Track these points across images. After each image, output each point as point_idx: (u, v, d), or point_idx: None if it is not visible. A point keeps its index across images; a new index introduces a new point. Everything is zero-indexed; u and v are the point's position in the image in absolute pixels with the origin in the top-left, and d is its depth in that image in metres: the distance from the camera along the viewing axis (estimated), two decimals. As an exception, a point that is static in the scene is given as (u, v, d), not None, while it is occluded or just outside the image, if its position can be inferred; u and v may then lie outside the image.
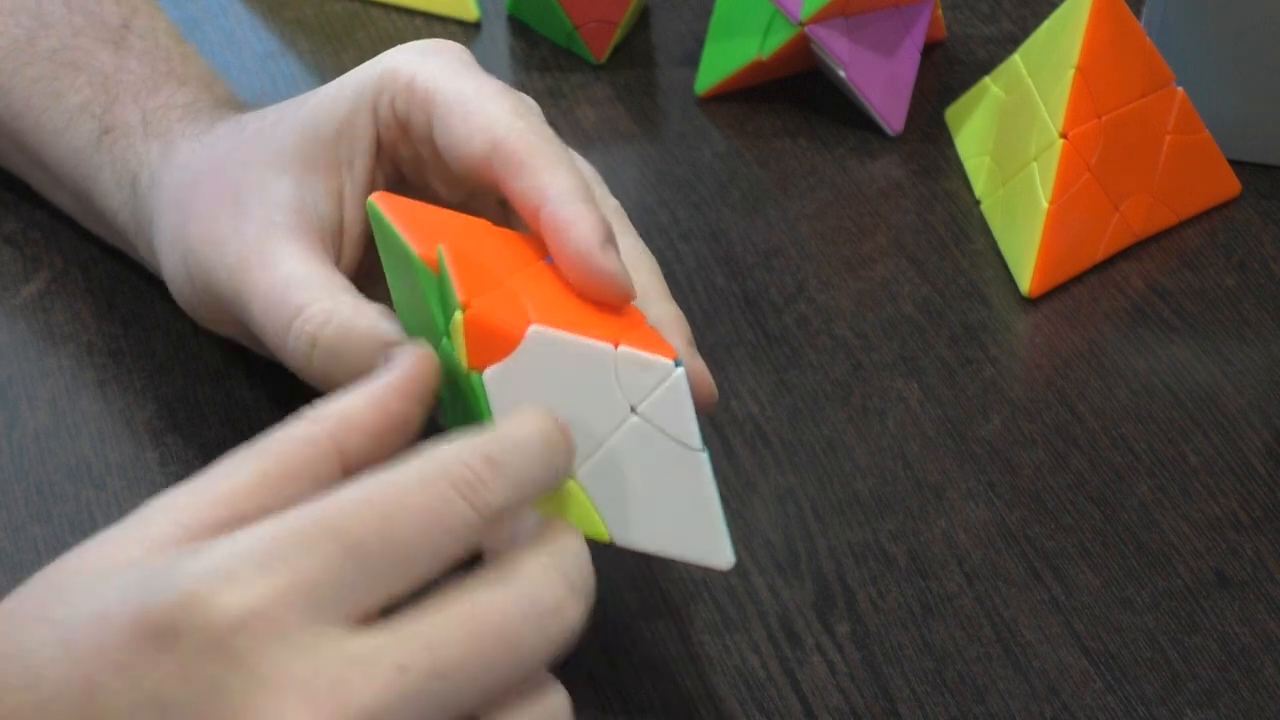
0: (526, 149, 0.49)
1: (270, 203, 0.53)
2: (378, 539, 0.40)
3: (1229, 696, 0.53)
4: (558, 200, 0.48)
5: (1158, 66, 0.66)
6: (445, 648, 0.40)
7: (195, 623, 0.39)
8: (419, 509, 0.40)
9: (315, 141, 0.53)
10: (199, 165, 0.55)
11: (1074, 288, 0.66)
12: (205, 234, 0.54)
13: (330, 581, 0.39)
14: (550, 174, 0.49)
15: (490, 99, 0.51)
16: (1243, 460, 0.60)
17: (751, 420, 0.61)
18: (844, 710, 0.52)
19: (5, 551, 0.56)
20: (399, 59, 0.53)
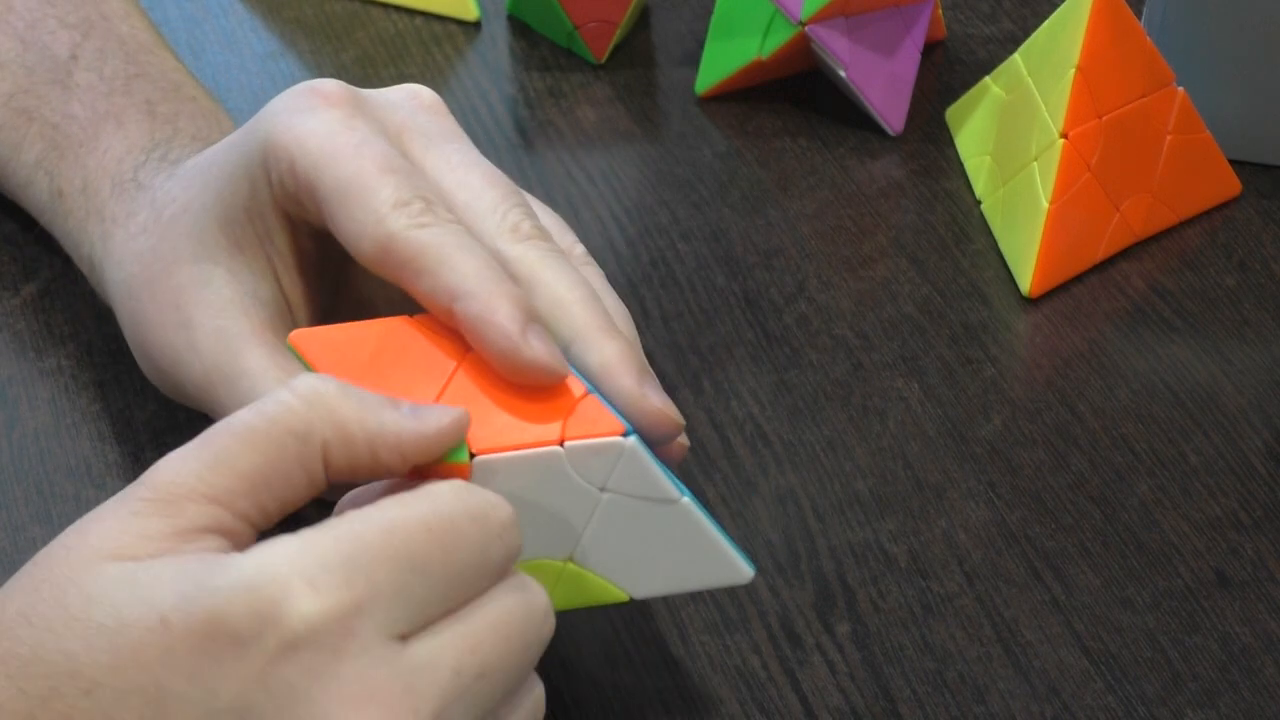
0: (414, 250, 0.47)
1: (214, 305, 0.52)
2: (441, 566, 0.42)
3: (1229, 696, 0.53)
4: (465, 296, 0.46)
5: (1158, 66, 0.66)
6: (484, 650, 0.42)
7: (274, 628, 0.39)
8: (472, 543, 0.43)
9: (231, 225, 0.52)
10: (132, 269, 0.54)
11: (1074, 288, 0.66)
12: (162, 353, 0.53)
13: (402, 597, 0.41)
14: (447, 270, 0.47)
15: (368, 188, 0.48)
16: (1243, 460, 0.60)
17: (751, 420, 0.61)
18: (844, 710, 0.52)
19: (5, 551, 0.56)
20: (277, 127, 0.50)
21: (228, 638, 0.39)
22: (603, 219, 0.68)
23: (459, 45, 0.77)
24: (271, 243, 0.52)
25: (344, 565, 0.41)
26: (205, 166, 0.54)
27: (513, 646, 0.43)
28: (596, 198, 0.69)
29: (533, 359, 0.46)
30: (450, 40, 0.77)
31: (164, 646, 0.39)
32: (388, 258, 0.47)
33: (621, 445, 0.46)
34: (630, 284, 0.65)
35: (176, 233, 0.53)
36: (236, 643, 0.39)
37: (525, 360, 0.46)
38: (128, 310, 0.55)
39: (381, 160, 0.49)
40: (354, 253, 0.49)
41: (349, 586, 0.40)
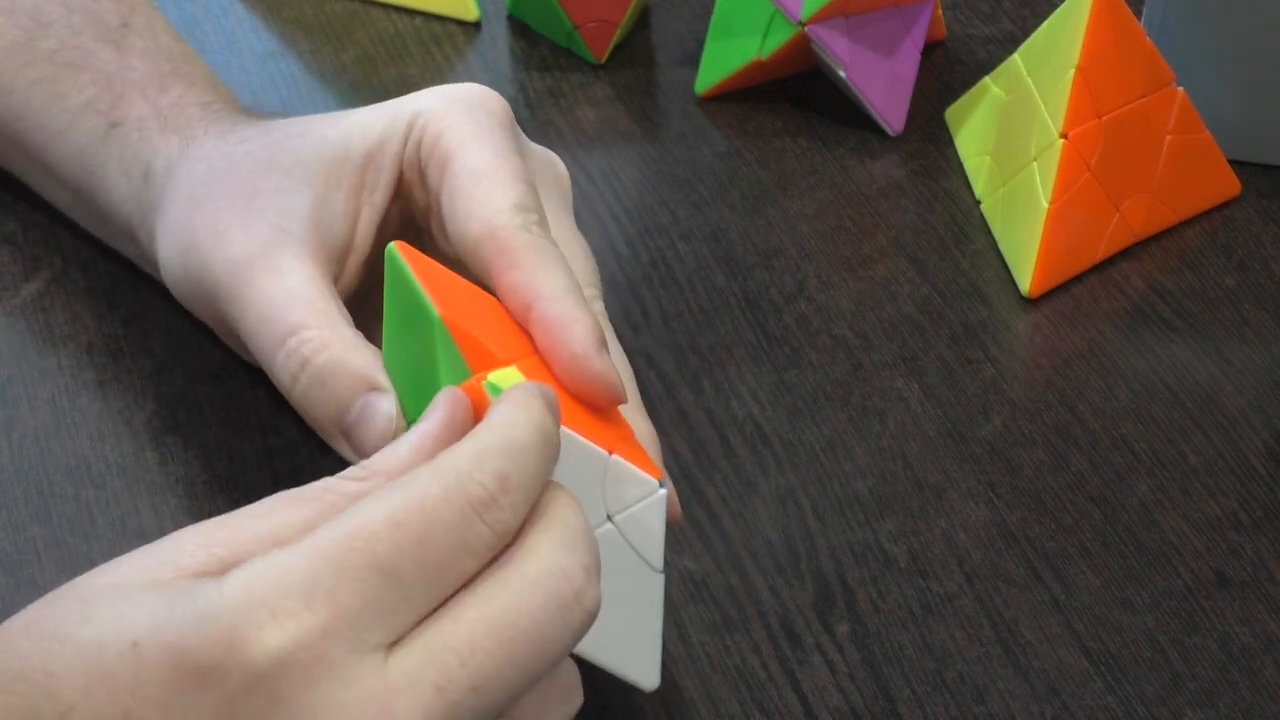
0: (520, 245, 0.48)
1: (285, 209, 0.52)
2: (413, 564, 0.40)
3: (1229, 696, 0.53)
4: (550, 299, 0.47)
5: (1158, 66, 0.66)
6: (478, 659, 0.39)
7: (238, 660, 0.38)
8: (447, 530, 0.40)
9: (343, 162, 0.53)
10: (219, 161, 0.55)
11: (1074, 288, 0.66)
12: (210, 226, 0.53)
13: (370, 610, 0.39)
14: (543, 272, 0.48)
15: (501, 183, 0.50)
16: (1243, 460, 0.60)
17: (751, 420, 0.61)
18: (844, 710, 0.52)
19: (5, 551, 0.56)
20: (439, 104, 0.52)
21: (193, 669, 0.38)
22: (603, 219, 0.68)
23: (459, 45, 0.77)
24: (371, 195, 0.53)
25: (305, 587, 0.39)
26: (334, 118, 0.55)
27: (521, 650, 0.40)
28: (596, 198, 0.69)
29: (602, 370, 0.46)
30: (450, 40, 0.77)
31: (133, 674, 0.39)
32: (489, 243, 0.48)
33: (655, 488, 0.46)
34: (630, 284, 0.65)
35: (283, 147, 0.54)
36: (201, 675, 0.38)
37: (594, 370, 0.46)
38: (189, 195, 0.54)
39: (519, 170, 0.51)
40: (455, 229, 0.50)
41: (310, 610, 0.39)
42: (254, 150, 0.55)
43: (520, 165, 0.51)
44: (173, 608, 0.39)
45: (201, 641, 0.39)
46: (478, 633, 0.40)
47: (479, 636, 0.40)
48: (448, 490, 0.40)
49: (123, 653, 0.39)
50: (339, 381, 0.49)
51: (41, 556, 0.56)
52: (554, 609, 0.40)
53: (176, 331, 0.63)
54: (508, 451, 0.41)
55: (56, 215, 0.66)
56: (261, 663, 0.38)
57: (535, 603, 0.40)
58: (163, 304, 0.63)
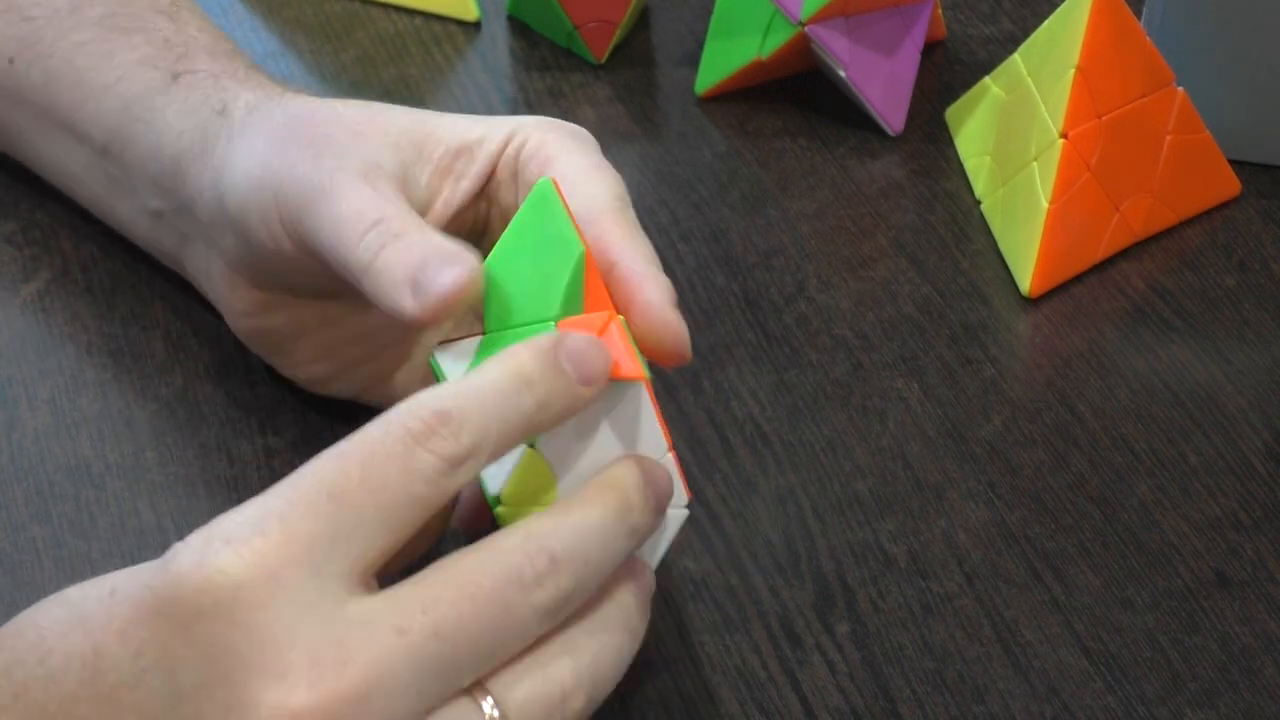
0: (614, 220, 0.50)
1: (381, 153, 0.52)
2: (360, 487, 0.41)
3: (1229, 696, 0.53)
4: (634, 259, 0.49)
5: (1158, 66, 0.66)
6: (440, 609, 0.40)
7: (195, 585, 0.40)
8: (389, 456, 0.41)
9: (438, 142, 0.53)
10: (316, 107, 0.55)
11: (1074, 288, 0.66)
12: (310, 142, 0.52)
13: (325, 535, 0.40)
14: (632, 242, 0.50)
15: (604, 179, 0.52)
16: (1243, 460, 0.60)
17: (751, 420, 0.61)
18: (844, 710, 0.52)
19: (5, 551, 0.56)
20: (539, 123, 0.54)
21: (154, 600, 0.40)
22: (603, 219, 0.68)
23: (459, 45, 0.77)
24: (458, 182, 0.53)
25: (258, 517, 0.40)
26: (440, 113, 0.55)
27: (484, 610, 0.41)
28: (596, 198, 0.69)
29: (675, 319, 0.48)
30: (450, 40, 0.77)
31: (107, 613, 0.41)
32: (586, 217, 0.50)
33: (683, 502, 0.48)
34: (630, 284, 0.65)
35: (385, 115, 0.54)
36: (163, 603, 0.40)
37: (668, 317, 0.48)
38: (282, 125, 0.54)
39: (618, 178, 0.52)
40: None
41: (263, 534, 0.40)
42: (353, 109, 0.54)
43: (617, 175, 0.53)
44: (152, 565, 0.41)
45: (165, 577, 0.40)
46: (442, 588, 0.41)
47: (443, 590, 0.41)
48: (387, 425, 0.42)
49: (101, 598, 0.41)
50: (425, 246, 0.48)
51: (41, 556, 0.56)
52: (515, 583, 0.42)
53: (176, 331, 0.63)
54: (452, 391, 0.43)
55: (56, 215, 0.66)
56: (217, 584, 0.40)
57: (499, 571, 0.42)
58: (163, 304, 0.63)
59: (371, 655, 0.40)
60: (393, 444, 0.41)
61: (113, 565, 0.55)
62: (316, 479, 0.41)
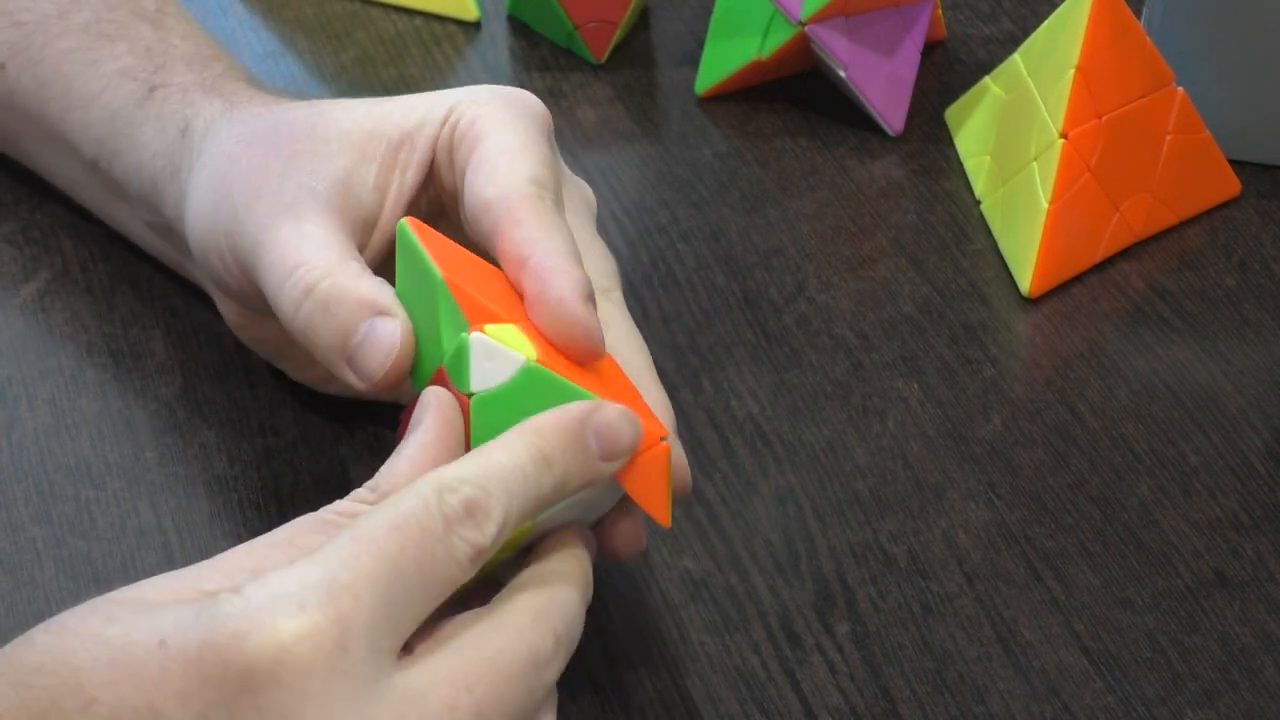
0: (527, 207, 0.49)
1: (317, 171, 0.53)
2: (416, 567, 0.42)
3: (1229, 696, 0.53)
4: (545, 253, 0.48)
5: (1158, 66, 0.66)
6: (482, 689, 0.42)
7: (262, 648, 0.39)
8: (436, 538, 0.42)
9: (379, 138, 0.53)
10: (260, 124, 0.55)
11: (1074, 288, 0.66)
12: (247, 185, 0.53)
13: (385, 608, 0.41)
14: (543, 232, 0.49)
15: (525, 159, 0.51)
16: (1243, 460, 0.60)
17: (751, 420, 0.61)
18: (844, 710, 0.52)
19: (5, 551, 0.56)
20: (480, 95, 0.53)
21: (218, 661, 0.39)
22: (603, 219, 0.68)
23: (459, 45, 0.77)
24: (403, 174, 0.53)
25: (325, 582, 0.40)
26: (378, 100, 0.55)
27: (512, 690, 0.43)
28: (597, 198, 0.69)
29: (584, 316, 0.47)
30: (450, 40, 0.77)
31: (160, 668, 0.40)
32: (501, 204, 0.49)
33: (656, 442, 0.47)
34: (630, 284, 0.65)
35: (327, 116, 0.54)
36: (226, 665, 0.39)
37: (576, 313, 0.47)
38: (227, 153, 0.55)
39: (546, 159, 0.51)
40: (471, 196, 0.50)
41: (333, 601, 0.40)
42: (296, 118, 0.55)
43: (548, 154, 0.52)
44: (199, 613, 0.40)
45: (227, 636, 0.40)
46: (482, 664, 0.42)
47: (482, 668, 0.42)
48: (427, 505, 0.43)
49: (150, 649, 0.40)
50: (343, 306, 0.49)
51: (41, 556, 0.56)
52: (533, 663, 0.43)
53: (176, 331, 0.63)
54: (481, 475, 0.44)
55: (57, 215, 0.66)
56: (284, 652, 0.40)
57: (524, 652, 0.43)
58: (163, 304, 0.63)
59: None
60: (435, 525, 0.42)
61: (113, 565, 0.55)
62: (380, 553, 0.41)
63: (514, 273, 0.49)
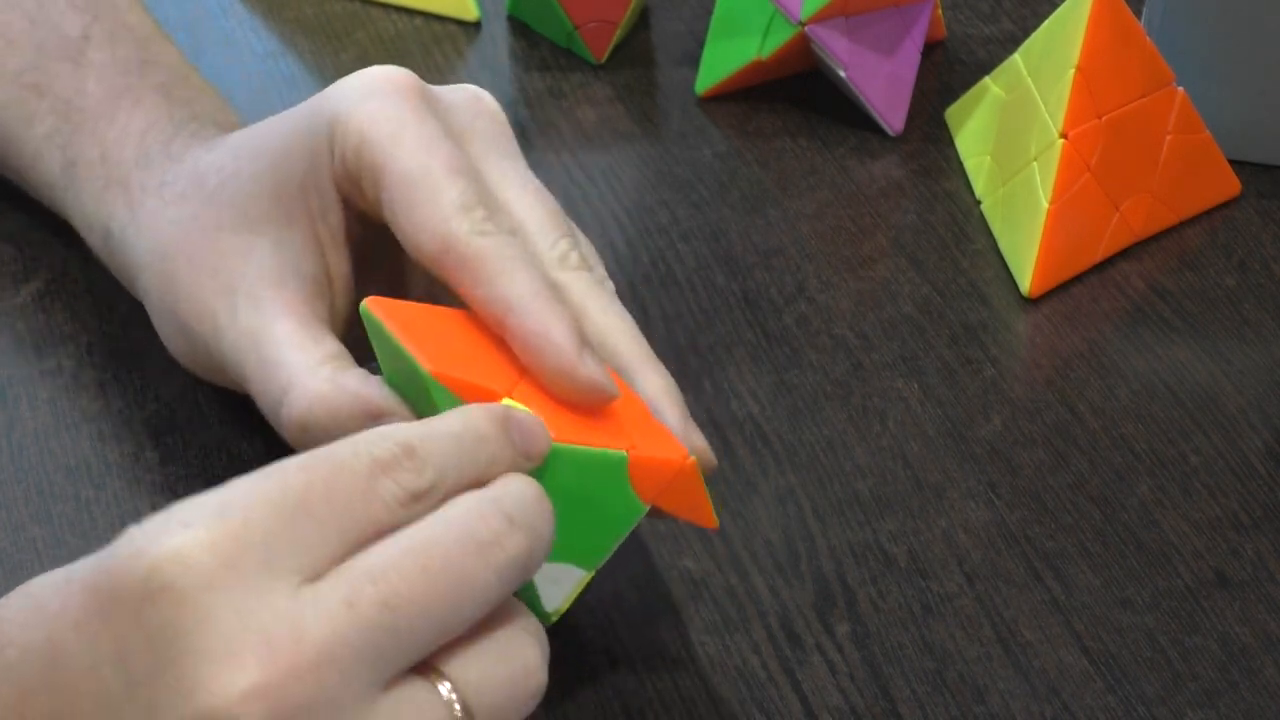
0: (478, 254, 0.48)
1: (255, 274, 0.52)
2: (322, 500, 0.41)
3: (1229, 696, 0.53)
4: (521, 312, 0.47)
5: (1158, 66, 0.66)
6: (390, 580, 0.40)
7: (146, 566, 0.39)
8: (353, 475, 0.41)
9: (283, 197, 0.52)
10: (168, 233, 0.55)
11: (1074, 288, 0.66)
12: (198, 317, 0.53)
13: (283, 535, 0.40)
14: (505, 280, 0.47)
15: (438, 186, 0.49)
16: (1243, 460, 0.60)
17: (751, 420, 0.61)
18: (844, 710, 0.52)
19: (5, 551, 0.56)
20: (344, 106, 0.50)
21: (108, 585, 0.39)
22: (603, 219, 0.68)
23: (459, 45, 0.77)
24: (323, 220, 0.52)
25: (218, 506, 0.40)
26: (259, 136, 0.54)
27: (436, 578, 0.40)
28: (596, 198, 0.69)
29: (589, 377, 0.47)
30: (450, 40, 0.77)
31: (62, 601, 0.40)
32: (446, 259, 0.48)
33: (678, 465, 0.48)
34: (630, 284, 0.65)
35: (222, 200, 0.53)
36: (115, 589, 0.39)
37: (582, 378, 0.47)
38: (159, 278, 0.54)
39: (450, 160, 0.49)
40: (411, 247, 0.49)
41: (222, 521, 0.39)
42: (197, 213, 0.54)
43: (450, 153, 0.49)
44: (109, 547, 0.40)
45: (117, 560, 0.40)
46: (391, 558, 0.40)
47: (390, 559, 0.40)
48: (355, 448, 0.42)
49: (57, 586, 0.41)
50: (341, 422, 0.49)
51: (41, 556, 0.56)
52: (470, 545, 0.41)
53: (176, 331, 0.63)
54: (419, 431, 0.43)
55: (57, 216, 0.66)
56: (168, 565, 0.39)
57: (449, 537, 0.41)
58: (163, 304, 0.63)
59: (321, 630, 0.39)
60: (359, 466, 0.41)
61: (113, 565, 0.55)
62: (282, 482, 0.41)
63: (494, 327, 0.48)
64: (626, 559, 0.56)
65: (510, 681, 0.42)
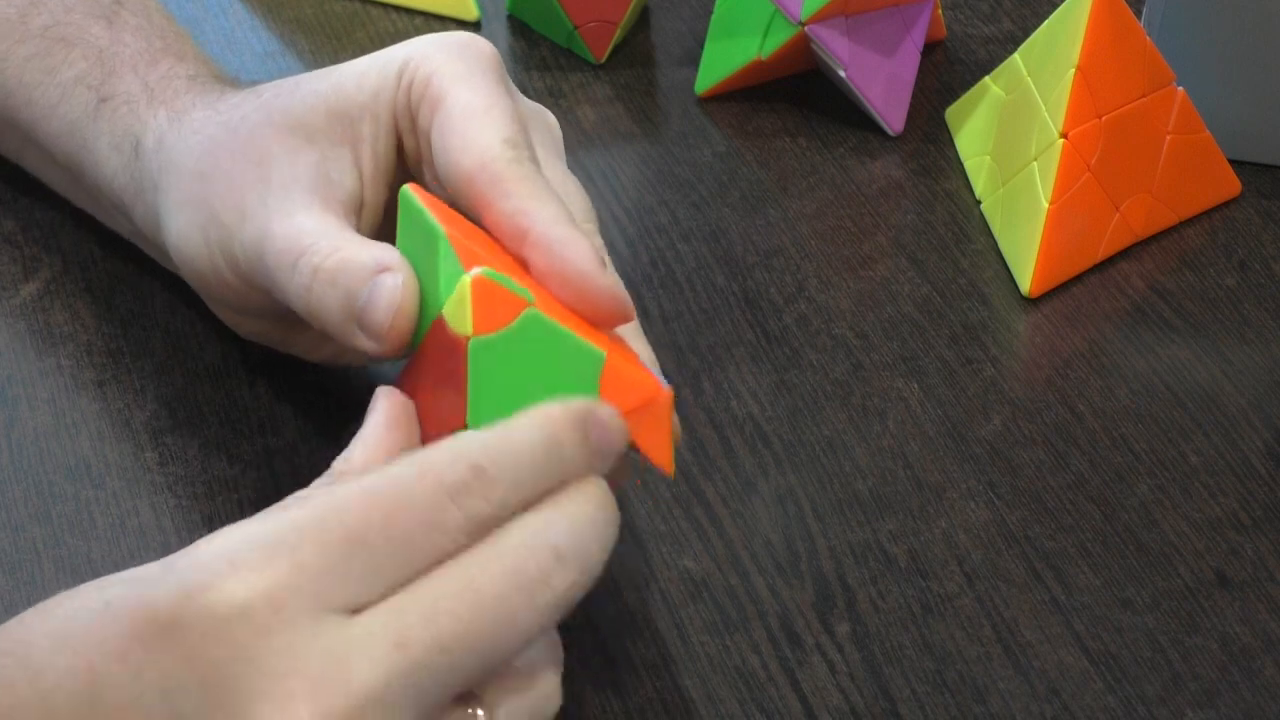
0: (513, 176, 0.49)
1: (295, 173, 0.52)
2: (380, 534, 0.40)
3: (1229, 696, 0.53)
4: (547, 222, 0.48)
5: (1158, 66, 0.66)
6: (442, 620, 0.40)
7: (198, 609, 0.39)
8: (417, 507, 0.41)
9: (340, 116, 0.53)
10: (214, 131, 0.55)
11: (1074, 288, 0.66)
12: (230, 203, 0.53)
13: (334, 571, 0.40)
14: (536, 201, 0.48)
15: (493, 120, 0.50)
16: (1243, 460, 0.60)
17: (751, 420, 0.61)
18: (844, 710, 0.52)
19: (5, 551, 0.56)
20: (428, 49, 0.52)
21: (155, 620, 0.39)
22: (603, 219, 0.68)
23: (459, 45, 0.77)
24: (372, 146, 0.53)
25: (269, 544, 0.40)
26: (325, 73, 0.54)
27: (487, 616, 0.40)
28: (596, 198, 0.69)
29: (610, 285, 0.47)
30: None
31: (101, 630, 0.39)
32: (481, 175, 0.49)
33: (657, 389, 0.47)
34: (630, 284, 0.65)
35: (276, 106, 0.54)
36: (163, 625, 0.39)
37: (602, 284, 0.47)
38: (191, 165, 0.54)
39: (511, 112, 0.50)
40: (447, 164, 0.50)
41: (271, 563, 0.39)
42: (249, 114, 0.54)
43: (511, 105, 0.51)
44: (147, 572, 0.40)
45: (164, 593, 0.39)
46: (441, 595, 0.40)
47: (442, 598, 0.40)
48: (421, 472, 0.41)
49: (93, 612, 0.40)
50: (347, 274, 0.49)
51: (41, 556, 0.56)
52: (518, 584, 0.41)
53: (176, 331, 0.63)
54: (491, 449, 0.42)
55: (57, 215, 0.66)
56: (220, 610, 0.39)
57: (498, 573, 0.41)
58: (163, 304, 0.63)
59: (372, 674, 0.39)
60: (425, 494, 0.41)
61: (113, 565, 0.55)
62: (337, 515, 0.40)
63: (514, 246, 0.48)
64: (627, 559, 0.56)
65: (534, 708, 0.43)
